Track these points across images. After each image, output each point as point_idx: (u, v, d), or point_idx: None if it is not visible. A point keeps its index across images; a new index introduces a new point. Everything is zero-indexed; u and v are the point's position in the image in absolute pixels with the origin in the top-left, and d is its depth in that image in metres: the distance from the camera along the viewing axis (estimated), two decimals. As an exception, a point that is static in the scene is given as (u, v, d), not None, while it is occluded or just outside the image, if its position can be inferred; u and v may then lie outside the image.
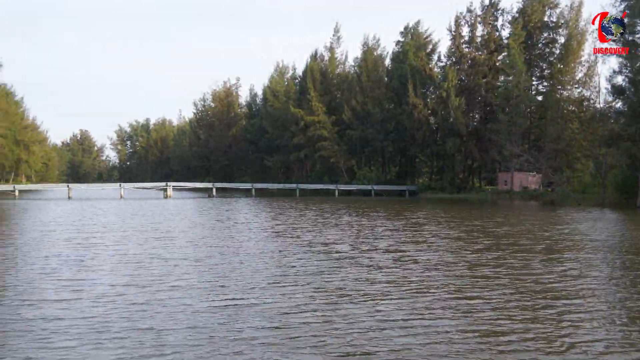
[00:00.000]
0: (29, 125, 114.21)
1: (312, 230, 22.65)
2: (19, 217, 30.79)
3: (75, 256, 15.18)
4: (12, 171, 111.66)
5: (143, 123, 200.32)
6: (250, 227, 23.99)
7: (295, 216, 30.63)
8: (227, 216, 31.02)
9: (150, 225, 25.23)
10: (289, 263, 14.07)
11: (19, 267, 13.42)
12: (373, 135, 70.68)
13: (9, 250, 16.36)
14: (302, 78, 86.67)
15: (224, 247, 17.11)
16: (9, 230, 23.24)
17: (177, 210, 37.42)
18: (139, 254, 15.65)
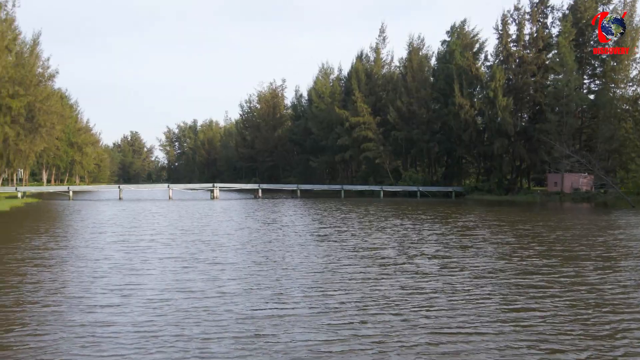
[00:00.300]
0: (83, 127, 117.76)
1: (358, 234, 22.51)
2: (73, 219, 31.76)
3: (125, 259, 15.51)
4: (66, 172, 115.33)
5: (191, 124, 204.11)
6: (296, 230, 24.03)
7: (340, 219, 30.54)
8: (273, 218, 31.19)
9: (198, 227, 25.59)
10: (334, 270, 13.99)
11: (71, 271, 13.80)
12: (419, 136, 69.95)
13: (63, 253, 16.84)
14: (347, 79, 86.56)
15: (269, 252, 17.17)
16: (63, 231, 23.99)
17: (224, 211, 37.88)
18: (187, 257, 15.89)
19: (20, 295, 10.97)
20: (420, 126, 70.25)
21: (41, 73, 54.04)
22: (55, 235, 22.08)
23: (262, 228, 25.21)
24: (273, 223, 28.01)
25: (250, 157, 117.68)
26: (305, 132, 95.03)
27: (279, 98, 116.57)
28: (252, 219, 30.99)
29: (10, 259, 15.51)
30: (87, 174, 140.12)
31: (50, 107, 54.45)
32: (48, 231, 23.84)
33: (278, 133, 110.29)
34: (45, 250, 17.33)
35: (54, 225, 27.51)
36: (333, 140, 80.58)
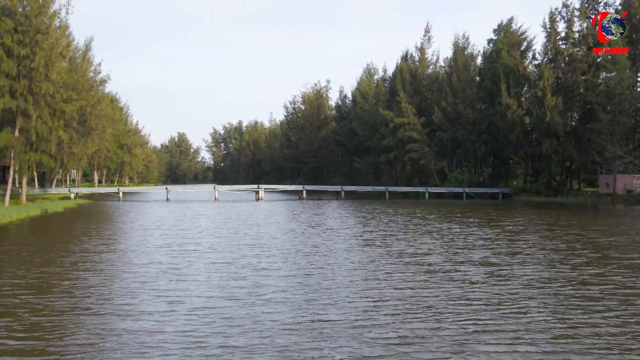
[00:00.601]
0: (132, 129, 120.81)
1: (403, 238, 22.28)
2: (122, 220, 32.58)
3: (172, 263, 15.77)
4: (116, 172, 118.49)
5: (236, 125, 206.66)
6: (340, 234, 23.96)
7: (385, 222, 30.31)
8: (317, 221, 31.22)
9: (243, 230, 25.84)
10: (378, 277, 13.85)
11: (119, 275, 14.13)
12: (464, 137, 68.87)
13: (113, 257, 17.24)
14: (391, 79, 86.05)
15: (313, 256, 17.16)
16: (113, 234, 24.59)
17: (269, 213, 38.12)
18: (231, 262, 16.03)
19: (72, 301, 11.25)
20: (466, 126, 69.17)
21: (93, 78, 55.70)
22: (105, 238, 22.66)
23: (306, 231, 25.25)
24: (317, 226, 28.03)
25: (295, 157, 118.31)
26: (350, 132, 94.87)
27: (323, 99, 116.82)
28: (296, 221, 31.10)
29: (64, 262, 15.98)
30: (136, 174, 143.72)
31: (102, 111, 56.08)
32: (99, 233, 24.50)
33: (322, 134, 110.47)
34: (96, 254, 17.78)
35: (104, 227, 28.27)
36: (377, 141, 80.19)
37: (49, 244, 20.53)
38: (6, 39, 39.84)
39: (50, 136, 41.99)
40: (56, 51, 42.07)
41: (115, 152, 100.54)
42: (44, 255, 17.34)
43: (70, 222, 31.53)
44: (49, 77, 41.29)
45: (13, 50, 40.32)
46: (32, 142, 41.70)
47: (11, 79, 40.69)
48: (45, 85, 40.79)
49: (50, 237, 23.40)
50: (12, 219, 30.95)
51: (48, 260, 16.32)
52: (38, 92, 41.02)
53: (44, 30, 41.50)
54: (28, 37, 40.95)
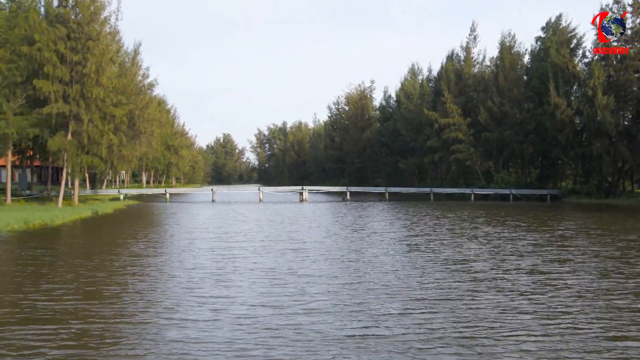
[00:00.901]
0: (179, 131, 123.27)
1: (449, 243, 21.93)
2: (170, 222, 33.23)
3: (216, 268, 15.92)
4: (164, 173, 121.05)
5: (280, 126, 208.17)
6: (385, 238, 23.77)
7: (430, 225, 29.95)
8: (362, 224, 31.11)
9: (286, 233, 25.93)
10: (424, 285, 13.63)
11: (165, 280, 14.36)
12: (511, 137, 67.49)
13: (159, 261, 17.58)
14: (436, 79, 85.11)
15: (358, 262, 17.05)
16: (161, 236, 25.10)
17: (313, 216, 38.23)
18: (275, 267, 16.07)
19: (118, 308, 11.45)
20: (513, 127, 67.76)
21: (141, 82, 57.15)
22: (152, 241, 23.12)
23: (351, 235, 25.16)
24: (362, 229, 27.90)
25: (339, 158, 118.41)
26: (394, 133, 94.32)
27: (367, 99, 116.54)
28: (340, 224, 31.02)
29: (112, 266, 16.37)
30: (183, 175, 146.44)
31: (150, 115, 57.48)
32: (147, 236, 25.03)
33: (366, 134, 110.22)
34: (143, 258, 18.15)
35: (152, 229, 28.88)
36: (422, 141, 79.48)
37: (99, 247, 21.08)
38: (60, 45, 41.20)
39: (101, 139, 43.20)
40: (107, 57, 43.29)
41: (163, 153, 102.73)
42: (93, 259, 17.77)
43: (120, 224, 32.37)
44: (100, 82, 42.50)
45: (66, 57, 41.66)
46: (84, 145, 42.97)
47: (64, 85, 42.08)
48: (97, 90, 41.97)
49: (99, 240, 24.08)
50: (65, 221, 31.95)
51: (97, 264, 16.73)
52: (89, 97, 42.27)
53: (95, 36, 42.77)
54: (80, 43, 42.25)
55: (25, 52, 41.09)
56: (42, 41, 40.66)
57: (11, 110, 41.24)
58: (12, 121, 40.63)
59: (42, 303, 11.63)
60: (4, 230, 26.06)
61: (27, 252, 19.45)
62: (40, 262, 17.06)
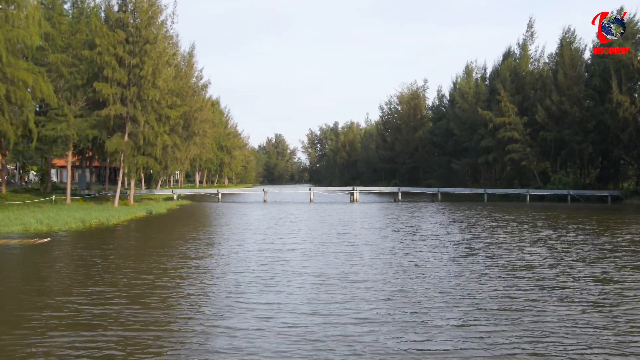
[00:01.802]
0: (231, 132, 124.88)
1: (510, 247, 20.90)
2: (221, 222, 33.48)
3: (265, 272, 15.63)
4: (216, 174, 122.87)
5: (332, 126, 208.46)
6: (440, 241, 23.00)
7: (488, 228, 28.90)
8: (415, 226, 30.46)
9: (337, 235, 25.53)
10: (485, 293, 12.88)
11: (213, 284, 14.15)
12: (570, 137, 65.26)
13: (209, 263, 17.49)
14: (491, 78, 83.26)
15: (412, 267, 16.41)
16: (209, 238, 25.19)
17: (364, 217, 37.77)
18: (325, 272, 15.66)
19: (163, 314, 11.22)
20: (572, 126, 65.50)
21: (195, 83, 58.02)
22: (203, 242, 23.10)
23: (404, 238, 24.52)
24: (415, 232, 27.17)
25: (390, 158, 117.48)
26: (447, 133, 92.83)
27: (419, 99, 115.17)
28: (393, 226, 30.40)
29: (160, 268, 16.32)
30: (235, 175, 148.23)
31: (203, 115, 58.37)
32: (196, 237, 25.11)
33: (418, 134, 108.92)
34: (192, 259, 18.07)
35: (203, 229, 29.00)
36: (476, 141, 77.86)
37: (149, 248, 21.21)
38: (118, 49, 42.24)
39: (156, 140, 44.04)
40: (163, 60, 44.11)
41: (216, 153, 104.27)
42: (143, 260, 17.84)
43: (171, 224, 32.78)
44: (156, 84, 43.34)
45: (124, 60, 42.70)
46: (140, 146, 43.93)
47: (122, 87, 43.14)
48: (153, 92, 42.84)
49: (151, 240, 24.30)
50: (120, 220, 32.65)
51: (146, 266, 16.73)
52: (146, 99, 43.19)
53: (152, 40, 43.65)
54: (138, 47, 43.21)
55: (86, 56, 42.39)
56: (102, 45, 41.76)
57: (72, 113, 42.61)
58: (73, 123, 41.98)
59: (86, 307, 11.52)
60: (63, 230, 26.84)
61: (80, 252, 19.75)
62: (92, 263, 17.19)
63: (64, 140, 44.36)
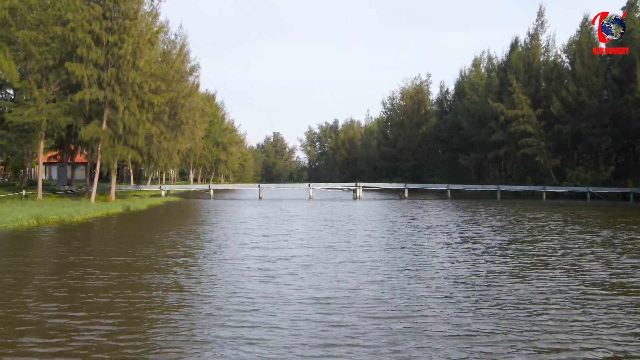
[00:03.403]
0: (228, 127, 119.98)
1: (587, 255, 16.21)
2: (204, 221, 28.73)
3: (238, 301, 10.94)
4: (212, 171, 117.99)
5: (332, 124, 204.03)
6: (490, 245, 18.27)
7: (529, 229, 23.98)
8: (427, 224, 25.76)
9: (344, 240, 20.31)
10: (532, 308, 8.29)
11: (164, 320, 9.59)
12: (588, 130, 60.74)
13: (155, 282, 12.80)
14: (500, 69, 78.57)
15: (478, 288, 11.77)
16: (179, 241, 20.18)
17: (371, 216, 32.89)
18: (329, 297, 10.82)
19: None
20: (590, 118, 61.00)
21: (182, 67, 52.48)
22: (167, 245, 18.13)
23: (436, 240, 19.75)
24: (449, 234, 22.33)
25: (392, 156, 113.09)
26: (453, 128, 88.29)
27: (423, 93, 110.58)
28: (413, 226, 25.36)
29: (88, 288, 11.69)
30: (232, 173, 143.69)
31: (192, 103, 53.25)
32: (165, 239, 20.09)
33: (422, 130, 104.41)
34: (137, 274, 13.35)
35: (178, 229, 23.99)
36: (486, 136, 73.23)
37: (90, 255, 16.04)
38: (94, 25, 37.67)
39: (137, 128, 39.43)
40: (144, 38, 39.48)
41: (211, 150, 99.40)
42: (64, 274, 12.96)
43: (145, 223, 27.89)
44: (137, 66, 38.73)
45: (101, 38, 38.14)
46: (120, 135, 39.34)
47: (99, 69, 38.58)
48: (133, 74, 38.21)
49: (102, 243, 19.16)
50: (87, 217, 27.92)
51: (68, 281, 12.06)
52: (125, 82, 38.58)
53: (132, 15, 39.05)
54: (116, 23, 38.66)
55: (58, 33, 37.74)
56: (76, 21, 37.21)
57: (44, 97, 38.04)
58: (43, 108, 37.35)
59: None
60: (9, 228, 22.16)
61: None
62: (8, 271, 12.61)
63: (33, 128, 39.67)
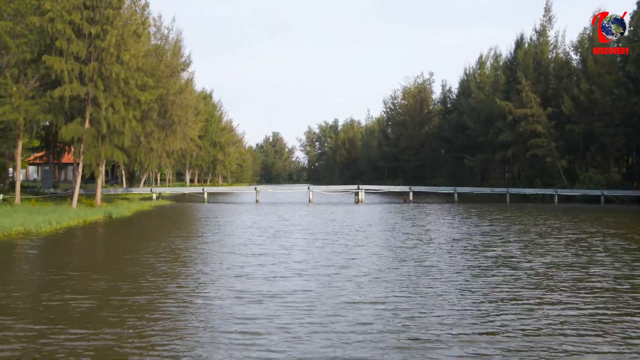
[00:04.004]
0: (225, 127, 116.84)
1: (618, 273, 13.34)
2: (186, 233, 25.66)
3: (250, 325, 8.12)
4: (209, 172, 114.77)
5: (331, 124, 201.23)
6: (515, 273, 15.32)
7: (567, 242, 20.90)
8: (445, 237, 22.62)
9: (348, 263, 16.93)
10: None
11: None
12: (601, 129, 57.72)
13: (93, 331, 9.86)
14: (507, 66, 75.39)
15: (498, 317, 8.87)
16: (151, 262, 17.35)
17: (375, 224, 29.86)
18: (330, 314, 8.26)
19: None
20: (603, 117, 57.98)
21: (173, 62, 48.96)
22: (133, 270, 15.15)
23: (451, 266, 16.56)
24: (460, 255, 19.15)
25: (393, 156, 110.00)
26: (458, 127, 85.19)
27: (426, 92, 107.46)
28: (422, 243, 21.68)
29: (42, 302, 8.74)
30: (230, 174, 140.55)
31: (184, 100, 49.81)
32: (135, 259, 17.09)
33: (425, 130, 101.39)
34: (73, 316, 10.37)
35: (154, 244, 20.86)
36: (492, 135, 70.14)
37: (46, 277, 13.27)
38: (75, 15, 34.53)
39: (123, 127, 36.35)
40: (130, 29, 36.39)
41: (208, 150, 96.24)
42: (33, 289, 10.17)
43: (122, 235, 24.67)
44: (121, 59, 35.67)
45: (83, 29, 35.06)
46: (104, 135, 36.27)
47: (81, 63, 35.52)
48: (117, 68, 35.13)
49: (59, 264, 16.33)
50: (59, 227, 24.75)
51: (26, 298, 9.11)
52: (109, 77, 35.51)
53: (116, 4, 35.96)
54: (99, 13, 35.59)
55: (35, 24, 34.64)
56: (55, 10, 34.09)
57: (22, 94, 34.99)
58: (19, 105, 34.28)
59: None
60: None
61: None
62: None
63: (9, 127, 36.61)
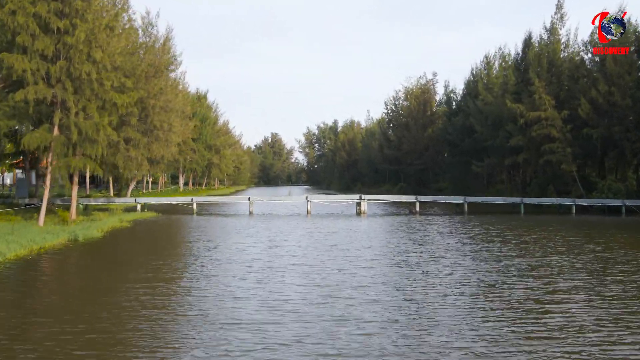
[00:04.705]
0: (221, 129, 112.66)
1: None
2: (172, 267, 21.30)
3: None
4: (204, 175, 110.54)
5: (331, 125, 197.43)
6: (517, 298, 11.17)
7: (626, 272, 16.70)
8: (467, 267, 18.37)
9: (357, 287, 13.38)
10: None
11: None
12: (621, 134, 53.58)
13: None
14: (517, 67, 71.18)
15: None
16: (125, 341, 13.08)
17: (378, 243, 25.61)
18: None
19: None
20: (623, 121, 53.84)
21: (156, 62, 44.19)
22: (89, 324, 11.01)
23: (455, 283, 12.58)
24: (463, 269, 14.94)
25: (395, 159, 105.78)
26: (464, 130, 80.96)
27: (430, 94, 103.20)
28: (425, 261, 17.32)
29: None
30: (227, 177, 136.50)
31: (169, 104, 45.09)
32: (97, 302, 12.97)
33: (429, 133, 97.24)
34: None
35: (115, 292, 16.62)
36: (502, 140, 65.91)
37: None
38: (40, 8, 30.24)
39: (97, 135, 32.07)
40: (101, 22, 32.07)
41: (202, 153, 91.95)
42: None
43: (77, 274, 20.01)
44: (92, 57, 31.45)
45: (50, 24, 30.84)
46: (75, 143, 32.04)
47: (48, 62, 31.31)
48: (87, 67, 30.85)
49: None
50: (2, 258, 20.50)
51: None
52: (79, 77, 31.29)
53: (87, -6, 31.73)
54: (68, 6, 31.36)
55: (-5, 19, 30.42)
56: (15, 1, 29.83)
57: (-20, 97, 30.86)
58: (-24, 110, 30.13)
59: None
60: None
61: None
62: None
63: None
